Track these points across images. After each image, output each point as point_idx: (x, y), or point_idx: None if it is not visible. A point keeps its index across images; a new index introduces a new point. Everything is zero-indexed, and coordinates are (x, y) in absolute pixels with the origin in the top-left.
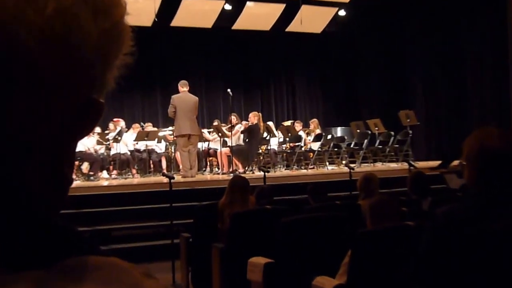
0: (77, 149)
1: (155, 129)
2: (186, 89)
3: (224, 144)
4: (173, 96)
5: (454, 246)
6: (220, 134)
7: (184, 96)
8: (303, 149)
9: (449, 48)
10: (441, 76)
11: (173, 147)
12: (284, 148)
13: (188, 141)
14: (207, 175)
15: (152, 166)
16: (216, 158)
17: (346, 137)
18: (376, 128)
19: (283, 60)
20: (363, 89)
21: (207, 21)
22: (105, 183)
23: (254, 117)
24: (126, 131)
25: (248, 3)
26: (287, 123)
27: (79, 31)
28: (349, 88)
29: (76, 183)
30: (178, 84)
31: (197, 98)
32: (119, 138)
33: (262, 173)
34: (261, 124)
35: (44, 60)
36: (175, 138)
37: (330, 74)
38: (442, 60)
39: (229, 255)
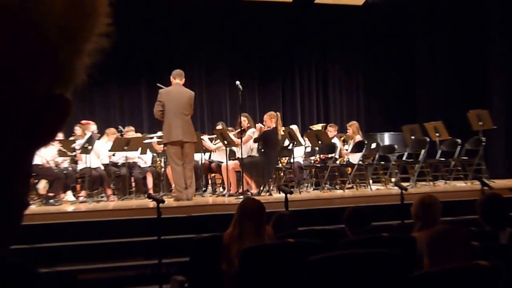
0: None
1: (139, 135)
2: (180, 81)
3: (231, 155)
4: (160, 91)
5: None
6: (225, 142)
7: (175, 90)
8: (338, 162)
9: None
10: None
11: (162, 160)
12: (312, 161)
13: (181, 151)
14: (208, 198)
15: (134, 185)
16: (221, 174)
17: (396, 146)
18: (437, 134)
19: (312, 41)
20: (420, 80)
21: None
22: (70, 208)
23: (271, 119)
24: (99, 138)
25: None
26: (317, 126)
27: (38, 2)
28: (401, 80)
29: (31, 208)
30: (171, 75)
31: (192, 92)
32: (89, 147)
33: (282, 194)
34: (281, 128)
35: None
36: (165, 147)
37: (375, 61)
38: None
39: None
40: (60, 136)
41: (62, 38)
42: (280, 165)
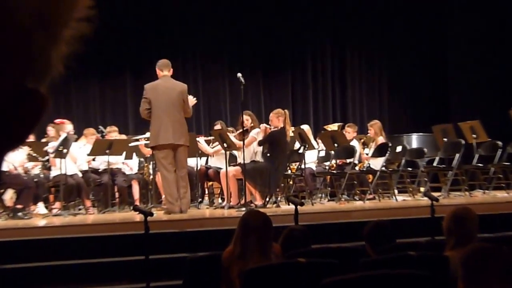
0: None
1: (123, 136)
2: (167, 72)
3: (232, 160)
4: (146, 86)
5: None
6: (225, 145)
7: (163, 84)
8: (357, 168)
9: None
10: None
11: (151, 165)
12: (327, 167)
13: (173, 155)
14: (205, 210)
15: (117, 195)
16: (219, 182)
17: (426, 150)
18: (474, 136)
19: (327, 26)
20: (453, 73)
21: None
22: (42, 222)
23: (278, 118)
24: (76, 140)
25: None
26: (333, 126)
27: None
28: (431, 72)
29: None
30: (156, 66)
31: (184, 85)
32: (65, 150)
33: (292, 206)
34: (290, 128)
35: None
36: (153, 151)
37: (401, 50)
38: None
39: None
40: (30, 137)
41: (36, 23)
42: (289, 171)
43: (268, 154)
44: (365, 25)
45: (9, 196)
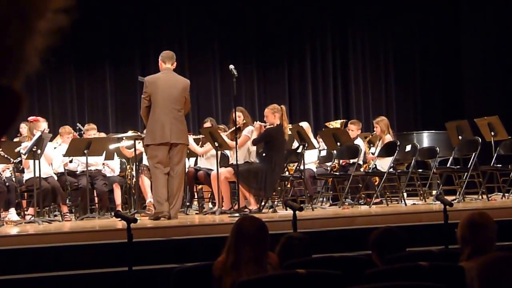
0: None
1: (103, 134)
2: (170, 66)
3: (224, 161)
4: (147, 79)
5: None
6: (216, 144)
7: (164, 78)
8: (362, 169)
9: None
10: None
11: (134, 168)
12: (328, 168)
13: (167, 155)
14: (194, 216)
15: (97, 200)
16: (210, 185)
17: (438, 149)
18: (492, 133)
19: (328, 12)
20: (469, 62)
21: None
22: (14, 230)
23: (274, 114)
24: (51, 139)
25: None
26: (335, 124)
27: None
28: (444, 63)
29: None
30: (159, 57)
31: (188, 81)
32: (39, 151)
33: (290, 211)
34: (287, 125)
35: None
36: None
37: (410, 39)
38: None
39: None
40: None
41: (11, 13)
42: (287, 173)
43: (264, 154)
44: (370, 10)
45: None
